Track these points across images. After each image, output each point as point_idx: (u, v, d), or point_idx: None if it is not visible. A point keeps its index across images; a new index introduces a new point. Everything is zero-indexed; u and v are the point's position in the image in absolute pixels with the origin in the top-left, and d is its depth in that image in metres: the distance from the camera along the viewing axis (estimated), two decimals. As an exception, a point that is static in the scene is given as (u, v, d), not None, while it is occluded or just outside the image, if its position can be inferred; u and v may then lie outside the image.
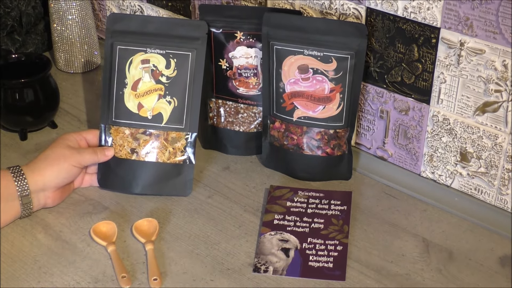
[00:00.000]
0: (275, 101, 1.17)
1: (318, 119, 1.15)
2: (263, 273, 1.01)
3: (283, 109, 1.17)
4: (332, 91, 1.13)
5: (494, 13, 0.97)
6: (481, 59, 1.01)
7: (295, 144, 1.18)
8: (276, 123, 1.19)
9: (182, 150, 1.16)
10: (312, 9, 1.18)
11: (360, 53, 1.10)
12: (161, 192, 1.16)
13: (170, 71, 1.15)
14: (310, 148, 1.17)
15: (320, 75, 1.12)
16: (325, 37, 1.11)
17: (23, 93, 1.28)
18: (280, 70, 1.14)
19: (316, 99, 1.14)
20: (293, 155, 1.19)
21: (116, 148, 1.16)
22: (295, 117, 1.16)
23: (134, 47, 1.15)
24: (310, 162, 1.18)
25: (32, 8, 1.52)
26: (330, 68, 1.12)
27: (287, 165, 1.20)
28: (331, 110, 1.14)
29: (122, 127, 1.15)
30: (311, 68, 1.12)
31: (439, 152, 1.12)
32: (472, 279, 1.00)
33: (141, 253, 1.05)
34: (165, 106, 1.15)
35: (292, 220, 1.10)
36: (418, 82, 1.10)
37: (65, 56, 1.50)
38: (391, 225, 1.10)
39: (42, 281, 1.00)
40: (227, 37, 1.19)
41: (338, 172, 1.19)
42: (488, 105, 1.04)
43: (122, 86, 1.15)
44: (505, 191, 1.07)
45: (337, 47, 1.10)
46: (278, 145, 1.20)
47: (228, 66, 1.21)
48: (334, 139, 1.16)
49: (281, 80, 1.15)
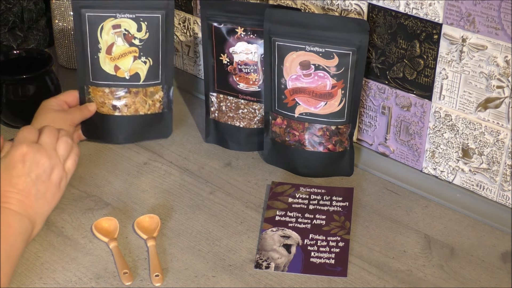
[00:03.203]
0: (276, 97, 1.17)
1: (319, 115, 1.15)
2: (264, 269, 1.01)
3: (284, 105, 1.17)
4: (334, 87, 1.13)
5: (496, 9, 0.97)
6: (483, 55, 1.01)
7: (296, 140, 1.18)
8: (278, 119, 1.19)
9: (160, 100, 1.25)
10: (314, 5, 1.18)
11: (362, 49, 1.10)
12: (143, 139, 1.26)
13: (142, 33, 1.20)
14: (312, 144, 1.17)
15: (322, 71, 1.12)
16: (327, 33, 1.10)
17: (24, 89, 1.28)
18: (281, 66, 1.14)
19: (317, 95, 1.14)
20: (295, 151, 1.19)
21: (98, 105, 1.23)
22: (297, 113, 1.16)
23: (103, 13, 1.19)
24: (312, 158, 1.18)
25: (33, 4, 1.52)
26: (332, 64, 1.12)
27: (289, 161, 1.20)
28: (333, 106, 1.14)
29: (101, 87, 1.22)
30: (313, 64, 1.12)
31: (441, 148, 1.12)
32: (474, 275, 1.00)
33: (143, 249, 1.05)
34: (141, 66, 1.22)
35: (293, 216, 1.10)
36: (420, 78, 1.10)
37: (66, 52, 1.50)
38: (393, 221, 1.10)
39: (44, 277, 1.00)
40: (228, 32, 1.19)
41: (339, 168, 1.19)
42: (490, 101, 1.04)
43: (96, 50, 1.21)
44: (507, 187, 1.07)
45: (339, 43, 1.10)
46: (280, 141, 1.20)
47: (229, 61, 1.21)
48: (336, 135, 1.16)
49: (283, 76, 1.15)
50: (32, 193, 0.99)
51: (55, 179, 1.02)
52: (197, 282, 0.99)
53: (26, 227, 0.97)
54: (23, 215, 0.97)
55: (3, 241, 0.92)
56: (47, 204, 1.01)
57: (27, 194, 0.98)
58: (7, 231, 0.94)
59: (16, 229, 0.95)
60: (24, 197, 0.98)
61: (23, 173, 0.99)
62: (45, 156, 1.01)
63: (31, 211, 0.98)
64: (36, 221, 0.99)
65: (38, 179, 1.00)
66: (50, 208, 1.02)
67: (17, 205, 0.97)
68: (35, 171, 1.00)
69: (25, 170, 0.99)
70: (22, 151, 1.00)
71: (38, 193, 0.99)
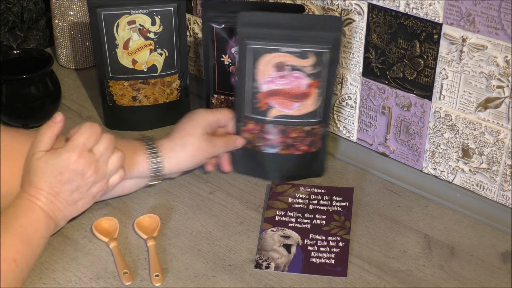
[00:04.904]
0: (248, 103, 1.14)
1: (294, 116, 1.14)
2: (264, 269, 1.01)
3: (257, 109, 1.14)
4: (310, 87, 1.12)
5: (496, 9, 0.97)
6: (483, 55, 1.01)
7: (269, 144, 1.16)
8: (249, 125, 1.16)
9: (177, 88, 1.31)
10: (314, 5, 1.18)
11: (336, 46, 1.10)
12: (164, 124, 1.31)
13: (156, 27, 1.25)
14: (285, 147, 1.16)
15: (297, 71, 1.11)
16: (301, 33, 1.09)
17: (24, 89, 1.28)
18: (254, 70, 1.12)
19: (293, 96, 1.13)
20: (267, 156, 1.17)
21: (118, 98, 1.28)
22: (271, 116, 1.14)
23: (118, 11, 1.22)
24: (285, 161, 1.17)
25: (33, 4, 1.52)
26: (308, 63, 1.11)
27: (261, 167, 1.18)
28: (308, 106, 1.13)
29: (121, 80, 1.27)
30: (288, 65, 1.11)
31: (441, 148, 1.12)
32: (474, 275, 1.00)
33: (143, 249, 1.05)
34: (158, 58, 1.27)
35: (293, 216, 1.10)
36: (420, 78, 1.10)
37: (66, 52, 1.50)
38: (393, 221, 1.10)
39: (44, 277, 1.00)
40: (229, 33, 1.19)
41: (311, 169, 1.18)
42: (490, 101, 1.04)
43: (113, 46, 1.25)
44: (507, 187, 1.07)
45: (314, 41, 1.09)
46: (250, 147, 1.17)
47: (231, 61, 1.21)
48: (310, 136, 1.15)
49: (256, 80, 1.13)
50: (66, 199, 0.97)
51: (94, 192, 1.00)
52: (197, 282, 0.99)
53: (50, 230, 0.97)
54: (51, 218, 0.96)
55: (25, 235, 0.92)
56: (76, 211, 1.00)
57: (60, 198, 0.97)
58: (29, 226, 0.93)
59: (41, 232, 0.94)
60: (56, 199, 0.96)
61: (65, 180, 0.96)
62: (93, 170, 0.97)
63: (59, 214, 0.97)
64: (60, 224, 0.99)
65: (78, 189, 0.98)
66: (77, 213, 1.01)
67: (46, 205, 0.95)
68: (77, 181, 0.97)
69: (69, 178, 0.96)
70: (73, 158, 0.96)
71: (71, 200, 0.98)
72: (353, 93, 1.20)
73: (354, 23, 1.14)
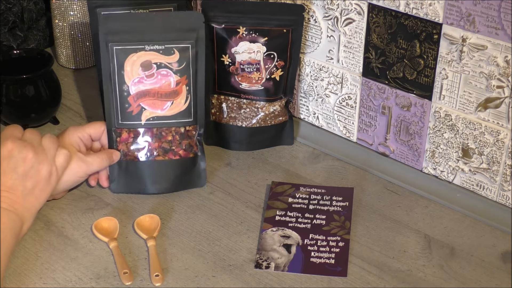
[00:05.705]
0: (119, 109, 1.12)
1: (167, 117, 1.12)
2: (264, 269, 1.01)
3: (129, 114, 1.12)
4: (178, 84, 1.12)
5: (496, 9, 0.97)
6: (483, 55, 1.01)
7: (145, 153, 1.13)
8: (123, 134, 1.13)
9: None
10: (314, 5, 1.18)
11: (200, 41, 1.11)
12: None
13: None
14: (162, 153, 1.13)
15: (164, 69, 1.11)
16: (165, 30, 1.10)
17: (24, 89, 1.28)
18: (122, 72, 1.11)
19: (163, 95, 1.12)
20: (143, 167, 1.13)
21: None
22: (144, 119, 1.12)
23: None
24: (163, 170, 1.13)
25: (33, 4, 1.52)
26: (173, 60, 1.10)
27: (139, 180, 1.14)
28: (179, 105, 1.12)
29: None
30: (155, 63, 1.11)
31: (441, 148, 1.12)
32: (474, 275, 1.00)
33: (143, 249, 1.05)
34: None
35: (293, 216, 1.10)
36: (420, 78, 1.10)
37: (66, 52, 1.50)
38: (393, 221, 1.10)
39: (44, 277, 1.00)
40: (229, 33, 1.19)
41: (191, 179, 1.15)
42: (490, 101, 1.04)
43: None
44: (507, 187, 1.07)
45: (177, 37, 1.10)
46: (126, 160, 1.13)
47: (231, 61, 1.21)
48: (185, 139, 1.14)
49: (125, 83, 1.11)
50: (20, 189, 0.98)
51: (44, 174, 1.01)
52: (197, 282, 0.99)
53: (14, 223, 0.97)
54: (11, 211, 0.96)
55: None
56: (36, 200, 1.01)
57: (14, 190, 0.98)
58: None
59: (4, 225, 0.95)
60: (11, 193, 0.97)
61: (10, 169, 0.98)
62: (31, 151, 1.00)
63: (19, 207, 0.98)
64: (25, 217, 0.99)
65: (25, 175, 0.99)
66: (40, 203, 1.02)
67: (5, 202, 0.96)
68: (22, 167, 0.99)
69: (12, 167, 0.98)
70: (8, 147, 0.99)
71: (25, 189, 0.99)
72: (353, 93, 1.20)
73: (354, 23, 1.14)
